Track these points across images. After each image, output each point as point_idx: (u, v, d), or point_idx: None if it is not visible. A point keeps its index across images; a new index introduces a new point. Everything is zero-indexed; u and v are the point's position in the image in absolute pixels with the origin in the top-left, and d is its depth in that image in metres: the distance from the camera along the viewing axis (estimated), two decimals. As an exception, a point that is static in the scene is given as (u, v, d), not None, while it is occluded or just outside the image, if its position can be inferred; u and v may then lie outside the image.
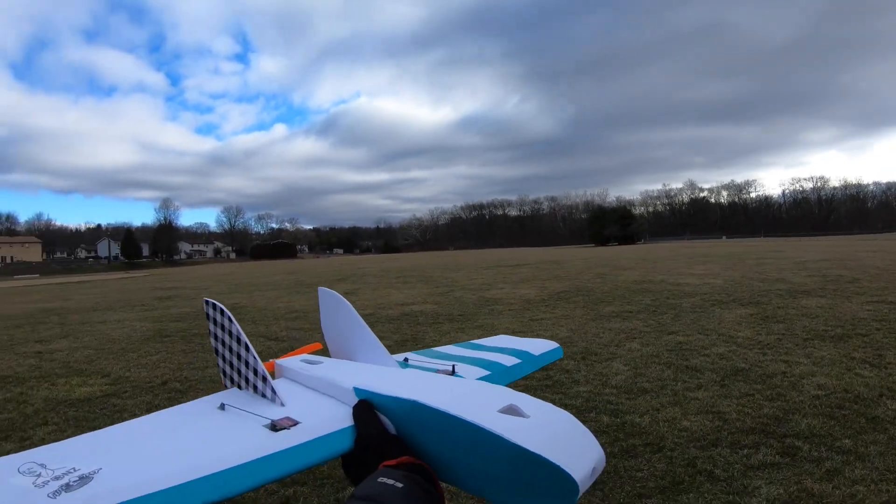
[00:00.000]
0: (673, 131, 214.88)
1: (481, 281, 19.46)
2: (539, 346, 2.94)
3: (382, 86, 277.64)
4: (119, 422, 1.94)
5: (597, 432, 4.36)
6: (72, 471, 1.45)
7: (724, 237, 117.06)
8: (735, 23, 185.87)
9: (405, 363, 2.54)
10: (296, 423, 1.78)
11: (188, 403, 2.11)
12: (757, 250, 32.41)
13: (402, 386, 1.79)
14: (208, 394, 2.46)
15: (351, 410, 1.78)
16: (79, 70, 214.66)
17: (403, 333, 9.53)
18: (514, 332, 8.95)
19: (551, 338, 4.76)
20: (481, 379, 2.26)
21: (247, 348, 2.09)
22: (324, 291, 2.66)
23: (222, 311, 2.20)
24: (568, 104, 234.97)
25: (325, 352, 2.59)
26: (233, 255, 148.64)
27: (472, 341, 3.09)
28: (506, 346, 2.95)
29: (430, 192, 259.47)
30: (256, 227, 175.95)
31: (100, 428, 1.79)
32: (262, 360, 2.36)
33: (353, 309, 2.47)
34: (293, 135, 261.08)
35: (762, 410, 4.69)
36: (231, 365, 2.24)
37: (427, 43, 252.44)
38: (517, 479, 1.30)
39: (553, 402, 5.13)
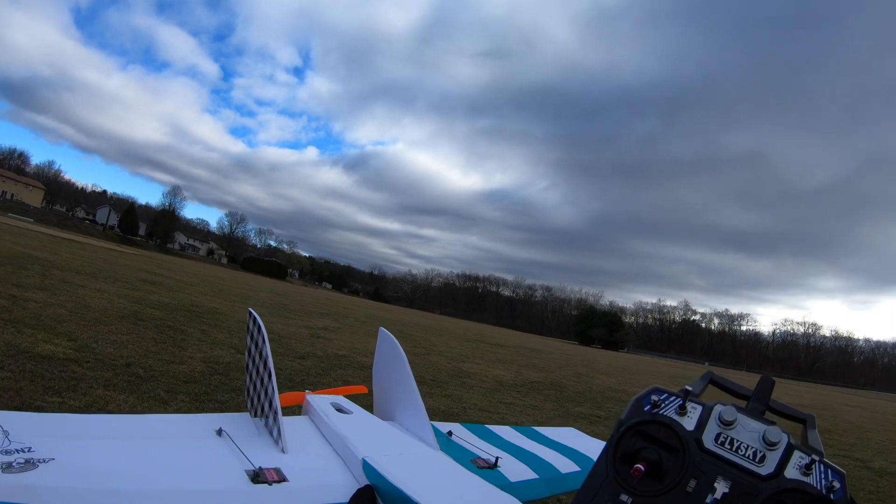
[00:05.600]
0: (686, 250, 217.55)
1: (459, 351, 19.21)
2: None
3: (422, 138, 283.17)
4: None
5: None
6: (24, 450, 1.37)
7: (706, 363, 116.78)
8: (776, 157, 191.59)
9: (448, 437, 2.31)
10: (282, 480, 1.56)
11: (187, 416, 1.95)
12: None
13: (420, 481, 1.55)
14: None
15: (353, 484, 1.58)
16: (139, 37, 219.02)
17: (370, 383, 9.31)
18: (479, 410, 8.72)
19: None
20: (527, 483, 2.02)
21: (269, 375, 1.96)
22: (384, 333, 2.50)
23: (259, 328, 2.07)
24: (592, 200, 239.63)
25: (367, 398, 2.46)
26: (224, 260, 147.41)
27: (533, 428, 2.73)
28: (570, 446, 2.47)
29: (436, 252, 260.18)
30: (255, 240, 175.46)
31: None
32: (294, 390, 2.06)
33: (407, 362, 2.33)
34: (322, 161, 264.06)
35: None
36: (254, 388, 2.09)
37: (477, 109, 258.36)
38: None
39: None
